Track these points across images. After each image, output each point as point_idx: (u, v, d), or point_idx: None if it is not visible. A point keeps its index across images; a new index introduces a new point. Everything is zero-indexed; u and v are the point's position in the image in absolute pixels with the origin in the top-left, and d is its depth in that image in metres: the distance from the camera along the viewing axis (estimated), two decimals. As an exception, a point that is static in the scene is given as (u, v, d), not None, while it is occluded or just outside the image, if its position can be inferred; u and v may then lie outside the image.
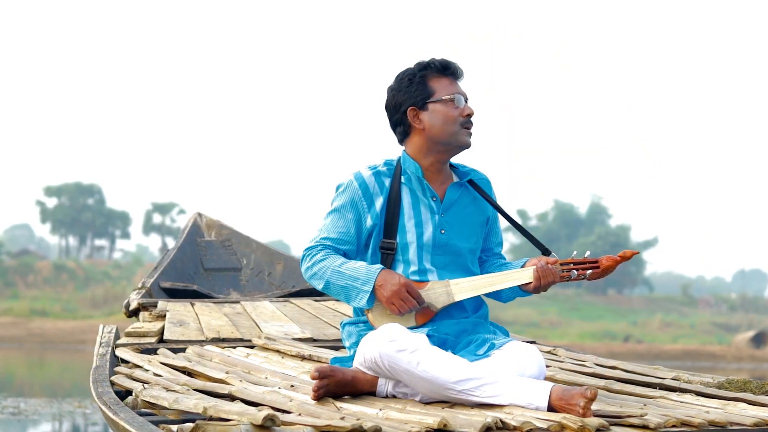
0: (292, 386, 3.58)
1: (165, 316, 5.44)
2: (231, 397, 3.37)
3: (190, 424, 2.69)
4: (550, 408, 3.06)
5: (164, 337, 4.91)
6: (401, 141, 3.65)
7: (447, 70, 3.60)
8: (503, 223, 3.76)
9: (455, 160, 3.69)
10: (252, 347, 4.71)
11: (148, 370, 4.08)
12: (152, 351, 4.64)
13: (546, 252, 3.61)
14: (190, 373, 4.03)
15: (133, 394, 3.59)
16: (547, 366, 4.17)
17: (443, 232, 3.56)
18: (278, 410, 3.03)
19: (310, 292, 6.83)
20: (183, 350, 4.65)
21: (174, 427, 2.78)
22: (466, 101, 3.59)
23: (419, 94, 3.56)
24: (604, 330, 44.27)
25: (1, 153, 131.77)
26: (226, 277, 7.97)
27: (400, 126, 3.62)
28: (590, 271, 3.48)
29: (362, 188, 3.56)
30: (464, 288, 3.52)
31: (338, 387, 3.34)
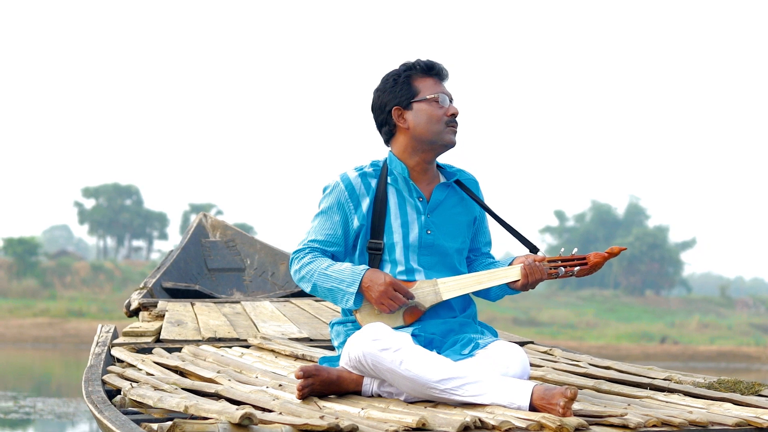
0: (280, 385, 3.58)
1: (164, 316, 5.45)
2: (218, 396, 3.37)
3: (170, 423, 2.69)
4: (532, 407, 3.05)
5: (161, 337, 4.91)
6: (387, 142, 3.65)
7: (432, 70, 3.60)
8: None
9: (443, 160, 3.68)
10: (248, 347, 4.71)
11: (141, 370, 4.08)
12: (148, 350, 4.63)
13: (534, 250, 3.60)
14: (182, 373, 4.03)
15: (122, 393, 3.60)
16: (541, 366, 4.15)
17: (429, 232, 3.56)
18: (260, 409, 3.03)
19: (312, 292, 6.82)
20: (179, 350, 4.65)
21: (155, 426, 2.78)
22: (451, 101, 3.59)
23: (404, 94, 3.56)
24: (641, 331, 43.90)
25: (39, 154, 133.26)
26: (229, 277, 7.99)
27: (386, 126, 3.62)
28: (578, 267, 3.47)
29: (348, 189, 3.56)
30: (452, 287, 3.51)
31: (323, 386, 3.34)
